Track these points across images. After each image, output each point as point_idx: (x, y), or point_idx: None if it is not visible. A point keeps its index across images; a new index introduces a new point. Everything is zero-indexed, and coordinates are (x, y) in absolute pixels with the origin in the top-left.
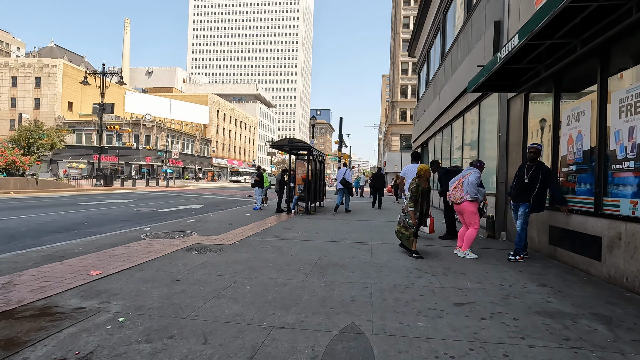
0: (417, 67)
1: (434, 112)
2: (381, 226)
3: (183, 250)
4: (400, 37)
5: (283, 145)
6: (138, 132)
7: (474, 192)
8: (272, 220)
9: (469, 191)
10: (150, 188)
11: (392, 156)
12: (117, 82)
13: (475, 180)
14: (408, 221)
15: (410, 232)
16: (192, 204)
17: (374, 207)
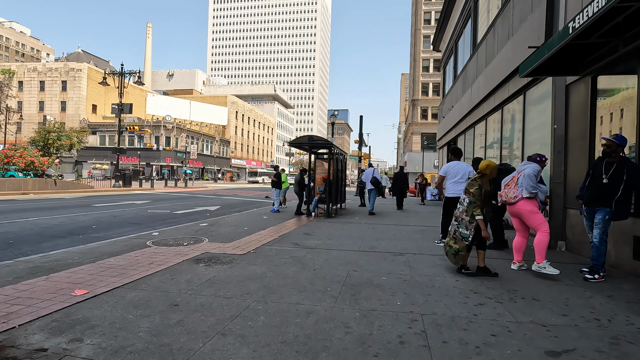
0: (442, 62)
1: (464, 107)
2: (412, 232)
3: (189, 262)
4: (421, 33)
5: (302, 143)
6: (159, 134)
7: (531, 187)
8: (291, 224)
9: (525, 186)
10: (168, 189)
11: (412, 156)
12: (135, 82)
13: (533, 173)
14: (463, 232)
15: (462, 245)
16: (208, 205)
17: (397, 209)
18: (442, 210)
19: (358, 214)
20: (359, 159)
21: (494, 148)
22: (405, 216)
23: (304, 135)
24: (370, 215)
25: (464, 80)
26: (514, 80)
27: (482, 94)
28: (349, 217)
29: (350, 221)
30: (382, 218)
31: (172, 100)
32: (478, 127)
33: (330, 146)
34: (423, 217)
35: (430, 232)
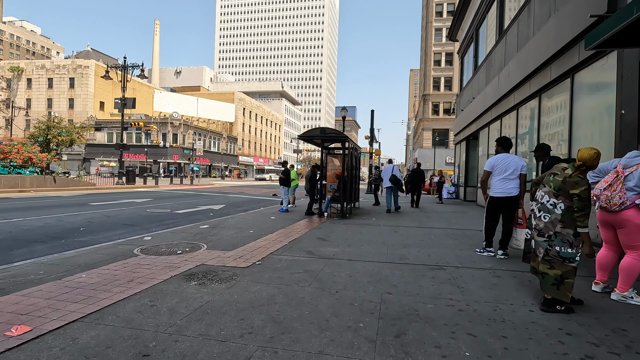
0: (461, 52)
1: (488, 98)
2: (442, 237)
3: (179, 278)
4: (432, 26)
5: (314, 136)
6: (166, 130)
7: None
8: (302, 226)
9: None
10: (173, 186)
11: (423, 152)
12: (139, 75)
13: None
14: (566, 251)
15: (567, 269)
16: (212, 204)
17: (412, 207)
18: (486, 213)
19: (374, 214)
20: (370, 155)
21: (526, 141)
22: (427, 217)
23: (315, 128)
24: (387, 214)
25: (487, 69)
26: (558, 63)
27: (513, 81)
28: (365, 218)
29: (368, 222)
30: (402, 218)
31: (179, 97)
32: (507, 118)
33: (344, 139)
34: (447, 218)
35: (464, 237)
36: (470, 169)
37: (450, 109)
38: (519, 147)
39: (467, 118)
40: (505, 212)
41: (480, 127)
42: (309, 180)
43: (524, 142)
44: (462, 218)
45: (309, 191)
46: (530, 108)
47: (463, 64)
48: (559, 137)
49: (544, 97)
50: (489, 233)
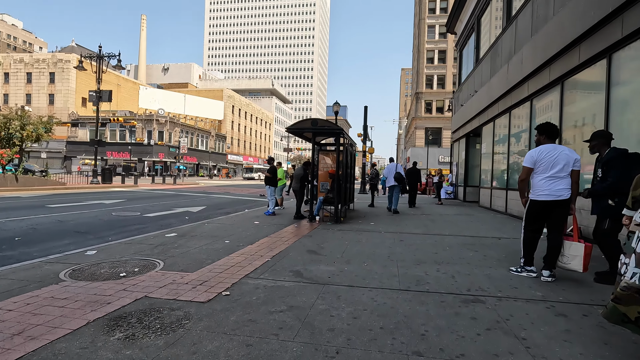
0: (459, 44)
1: (494, 90)
2: (458, 247)
3: (98, 327)
4: (425, 22)
5: (304, 129)
6: (151, 128)
7: None
8: (290, 233)
9: None
10: (154, 185)
11: (416, 151)
12: (115, 66)
13: None
14: None
15: None
16: (191, 205)
17: (409, 207)
18: (525, 220)
19: (371, 217)
20: (364, 154)
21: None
22: (431, 220)
23: (306, 119)
24: (387, 217)
25: (493, 59)
26: (590, 42)
27: (527, 69)
28: (362, 222)
29: (366, 228)
30: (404, 223)
31: (166, 94)
32: (517, 111)
33: (339, 133)
34: (454, 222)
35: (484, 248)
36: (470, 168)
37: (443, 107)
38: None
39: (467, 113)
40: (552, 221)
41: (484, 123)
42: (300, 180)
43: None
44: (471, 222)
45: (298, 192)
46: (550, 98)
47: (462, 57)
48: (589, 130)
49: (568, 85)
50: (530, 247)
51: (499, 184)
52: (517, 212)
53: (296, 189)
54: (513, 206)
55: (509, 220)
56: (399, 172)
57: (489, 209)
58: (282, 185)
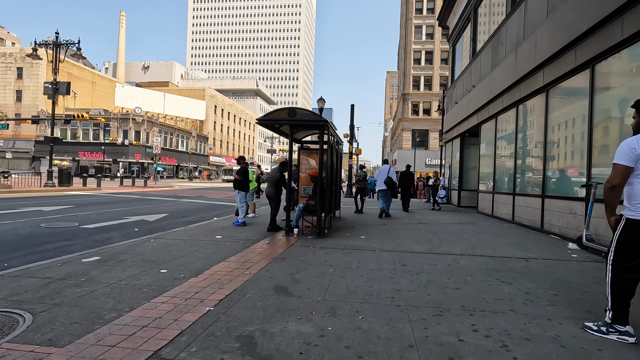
0: (452, 38)
1: (497, 82)
2: (481, 276)
3: None
4: (412, 23)
5: (279, 120)
6: (127, 127)
7: None
8: (257, 254)
9: None
10: (122, 188)
11: (403, 153)
12: (74, 55)
13: None
14: None
15: None
16: (151, 212)
17: (403, 211)
18: (617, 251)
19: (361, 227)
20: (350, 155)
21: (569, 131)
22: (432, 232)
23: (282, 108)
24: (380, 227)
25: (495, 49)
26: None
27: (543, 54)
28: (351, 236)
29: (357, 245)
30: (401, 235)
31: (145, 92)
32: (529, 104)
33: (323, 126)
34: (459, 235)
35: (516, 276)
36: (466, 170)
37: (430, 109)
38: (551, 136)
39: (462, 111)
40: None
41: (483, 120)
42: (275, 183)
43: (559, 132)
44: (479, 234)
45: (273, 198)
46: (575, 85)
47: (455, 52)
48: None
49: (602, 68)
50: (624, 295)
51: (503, 188)
52: (527, 221)
53: (270, 195)
54: (522, 214)
55: (523, 232)
56: (389, 177)
57: (490, 216)
58: (253, 189)
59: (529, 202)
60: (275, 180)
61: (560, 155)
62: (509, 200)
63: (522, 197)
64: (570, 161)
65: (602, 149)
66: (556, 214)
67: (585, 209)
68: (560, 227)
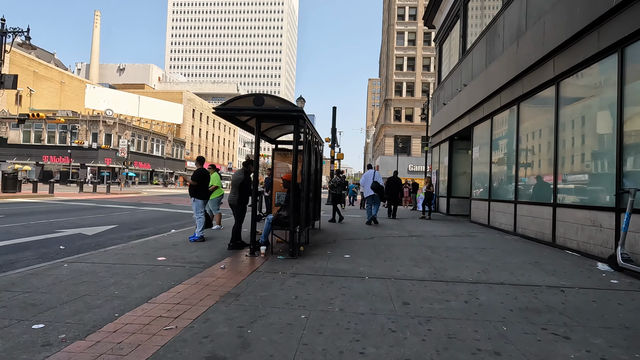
0: (439, 38)
1: (493, 79)
2: (516, 320)
3: None
4: (394, 29)
5: (244, 110)
6: (97, 130)
7: None
8: (203, 288)
9: None
10: (79, 195)
11: (385, 160)
12: (22, 44)
13: None
14: None
15: None
16: (96, 224)
17: (390, 217)
18: None
19: (345, 243)
20: (332, 160)
21: (589, 129)
22: (429, 247)
23: (246, 95)
24: (368, 239)
25: (489, 44)
26: None
27: (553, 42)
28: (332, 255)
29: (339, 269)
30: (394, 253)
31: (118, 94)
32: (531, 102)
33: (297, 117)
34: (462, 252)
35: (567, 321)
36: (455, 176)
37: (412, 115)
38: (567, 133)
39: (452, 113)
40: None
41: (477, 121)
42: (238, 188)
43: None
44: (485, 250)
45: (237, 207)
46: (599, 73)
47: (441, 52)
48: None
49: (633, 50)
50: None
51: (502, 195)
52: (533, 233)
53: (233, 202)
54: (527, 225)
55: (532, 246)
56: (376, 182)
57: (486, 225)
58: (218, 197)
59: (535, 211)
60: (239, 183)
61: (577, 158)
62: (509, 209)
63: (526, 206)
64: (592, 164)
65: (637, 148)
66: (573, 226)
67: (615, 222)
68: (580, 242)
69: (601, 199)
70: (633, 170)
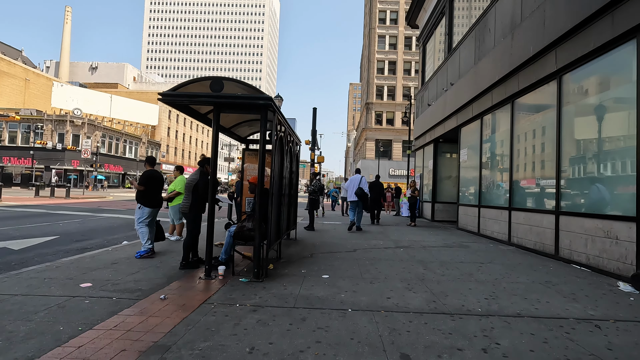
0: (423, 37)
1: (484, 76)
2: None
3: None
4: (376, 32)
5: (198, 97)
6: (63, 131)
7: None
8: (121, 336)
9: None
10: (32, 200)
11: (366, 163)
12: None
13: None
14: None
15: None
16: (32, 235)
17: (374, 223)
18: None
19: (323, 259)
20: (312, 163)
21: (590, 127)
22: (421, 263)
23: (201, 79)
24: (351, 252)
25: (479, 40)
26: None
27: (556, 31)
28: (309, 275)
29: (315, 298)
30: (382, 272)
31: (88, 93)
32: (532, 96)
33: (264, 105)
34: (458, 267)
35: None
36: (440, 180)
37: (393, 119)
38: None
39: (438, 114)
40: None
41: (465, 122)
42: (192, 193)
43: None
44: (483, 265)
45: (190, 215)
46: (611, 63)
47: (425, 52)
48: None
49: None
50: None
51: (494, 201)
52: (532, 244)
53: (185, 210)
54: (524, 234)
55: (535, 259)
56: (361, 188)
57: (476, 233)
58: (178, 205)
59: (534, 219)
60: (192, 186)
61: (584, 160)
62: (503, 216)
63: (522, 213)
64: (604, 166)
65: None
66: (581, 237)
67: (637, 234)
68: (590, 256)
69: (617, 206)
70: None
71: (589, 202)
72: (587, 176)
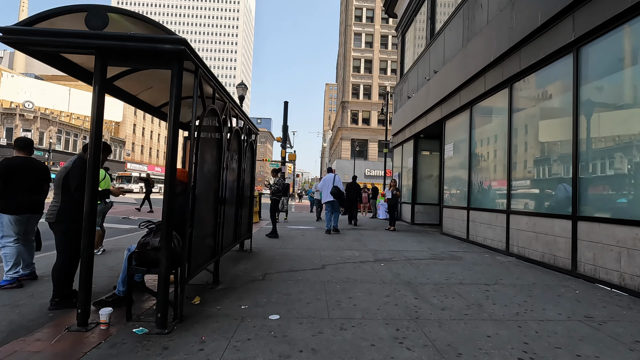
0: (402, 27)
1: (475, 58)
2: None
3: None
4: (352, 29)
5: (62, 34)
6: (12, 125)
7: None
8: None
9: None
10: None
11: (342, 163)
12: None
13: None
14: None
15: None
16: None
17: (350, 224)
18: None
19: (276, 286)
20: (283, 161)
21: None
22: (409, 286)
23: (73, 7)
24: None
25: (468, 18)
26: None
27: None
28: (248, 317)
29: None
30: (358, 302)
31: (44, 85)
32: (535, 77)
33: (176, 52)
34: (457, 291)
35: None
36: (420, 180)
37: (369, 118)
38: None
39: (419, 106)
40: None
41: (451, 113)
42: (62, 190)
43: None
44: (489, 287)
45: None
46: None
47: (404, 42)
48: None
49: None
50: None
51: (487, 203)
52: (539, 255)
53: (51, 218)
54: (527, 243)
55: (548, 276)
56: (336, 187)
57: (465, 240)
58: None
59: (541, 225)
60: (62, 179)
61: (612, 152)
62: (499, 220)
63: (525, 217)
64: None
65: None
66: (610, 249)
67: None
68: (624, 275)
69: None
70: None
71: (622, 204)
72: (615, 171)
